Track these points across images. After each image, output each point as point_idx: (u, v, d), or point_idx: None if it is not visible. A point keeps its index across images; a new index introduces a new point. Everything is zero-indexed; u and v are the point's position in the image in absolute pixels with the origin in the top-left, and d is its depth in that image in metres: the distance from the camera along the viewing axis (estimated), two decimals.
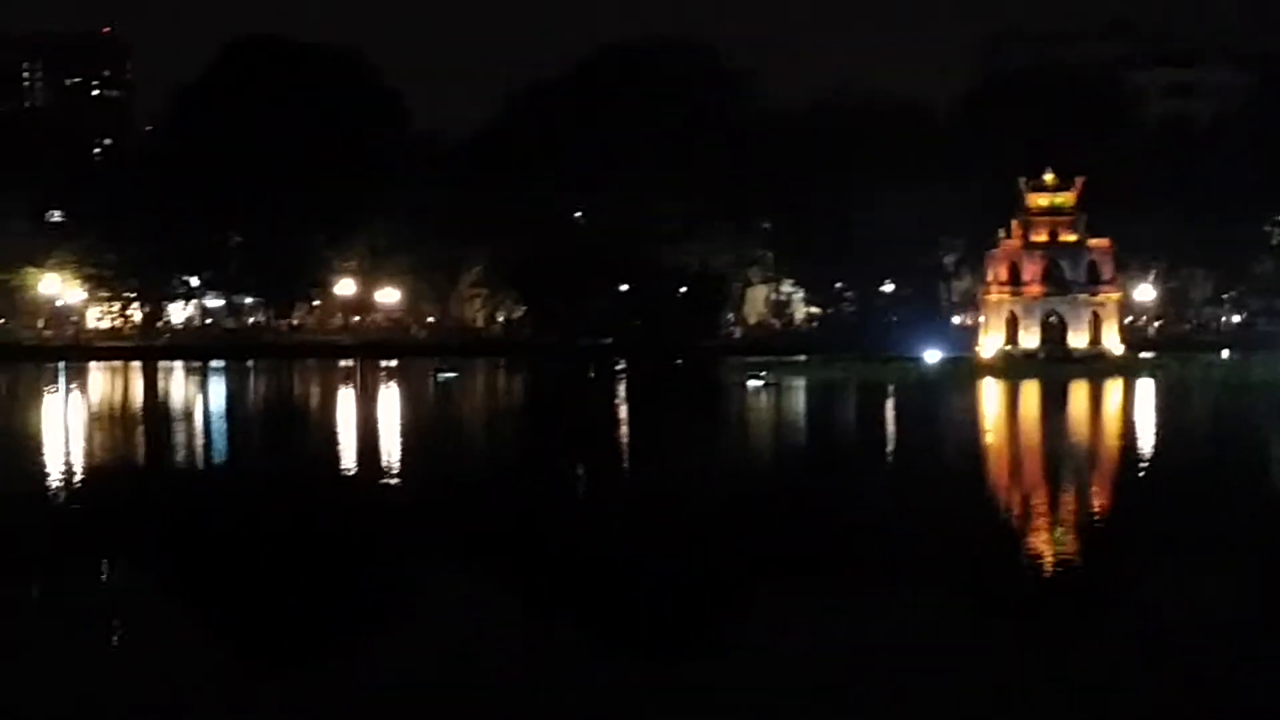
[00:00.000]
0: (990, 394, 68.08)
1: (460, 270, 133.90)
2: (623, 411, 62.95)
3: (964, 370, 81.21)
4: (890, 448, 45.76)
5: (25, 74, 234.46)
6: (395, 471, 37.63)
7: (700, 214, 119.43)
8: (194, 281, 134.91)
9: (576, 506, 31.59)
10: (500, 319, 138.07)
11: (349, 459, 41.63)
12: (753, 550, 24.70)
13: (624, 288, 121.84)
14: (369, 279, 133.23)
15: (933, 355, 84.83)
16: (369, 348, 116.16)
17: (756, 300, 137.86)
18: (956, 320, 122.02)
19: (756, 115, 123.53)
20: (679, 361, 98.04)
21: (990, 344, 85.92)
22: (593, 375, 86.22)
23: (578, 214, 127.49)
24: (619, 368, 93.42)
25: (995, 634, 18.48)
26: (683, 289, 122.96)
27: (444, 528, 28.22)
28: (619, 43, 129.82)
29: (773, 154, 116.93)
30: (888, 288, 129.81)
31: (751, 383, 72.40)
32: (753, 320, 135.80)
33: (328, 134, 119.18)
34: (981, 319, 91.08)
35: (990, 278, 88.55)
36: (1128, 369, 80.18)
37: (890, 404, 62.67)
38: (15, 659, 17.21)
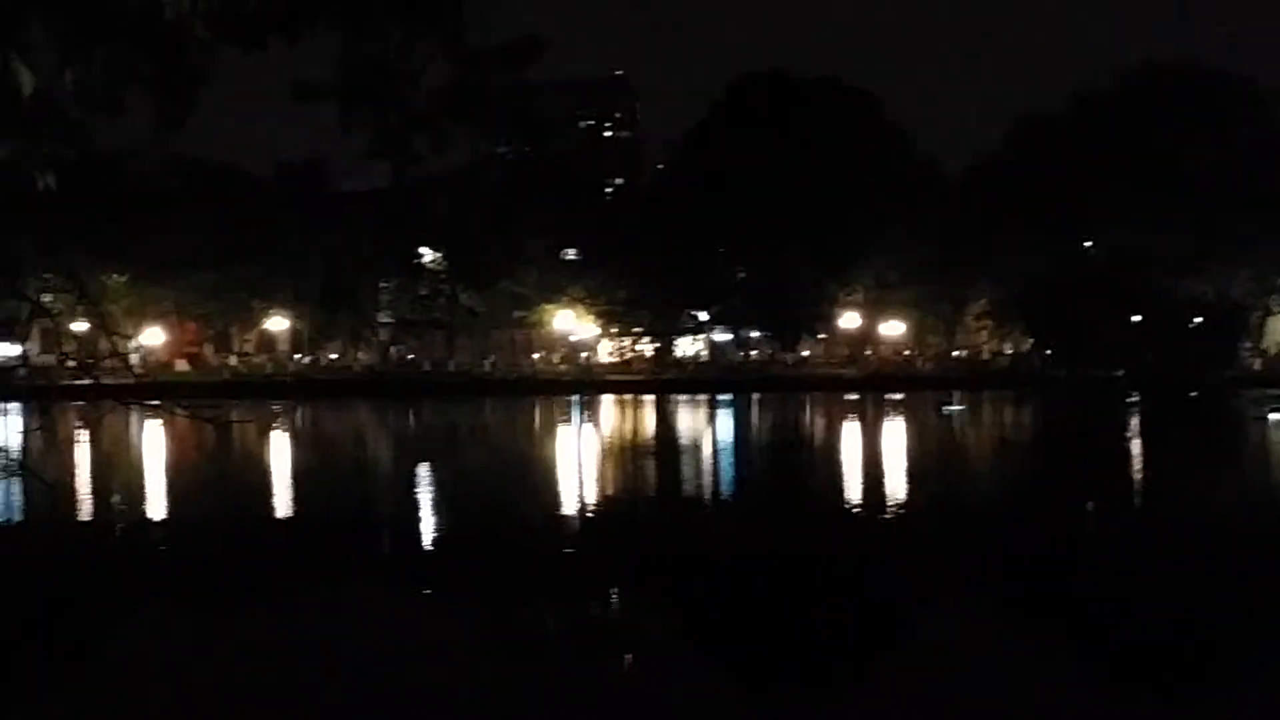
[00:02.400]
0: None
1: (966, 301, 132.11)
2: (1135, 446, 59.97)
3: None
4: None
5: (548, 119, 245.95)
6: (899, 503, 36.79)
7: (1212, 241, 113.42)
8: (702, 316, 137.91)
9: (1084, 544, 29.91)
10: (1008, 350, 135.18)
11: (852, 491, 41.00)
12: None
13: (1136, 318, 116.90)
14: (873, 312, 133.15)
15: None
16: (874, 380, 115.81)
17: (1277, 330, 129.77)
18: None
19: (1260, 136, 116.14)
20: (1194, 394, 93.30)
21: None
22: (1097, 407, 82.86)
23: (1088, 243, 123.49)
24: (1131, 400, 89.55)
25: None
26: (1198, 319, 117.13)
27: (940, 562, 27.15)
28: (1124, 69, 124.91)
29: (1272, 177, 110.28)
30: None
31: (1273, 416, 68.17)
32: (1273, 351, 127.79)
33: (831, 167, 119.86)
34: None
35: None
36: None
37: None
38: (529, 683, 17.28)
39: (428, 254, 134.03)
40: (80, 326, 33.96)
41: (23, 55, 3.42)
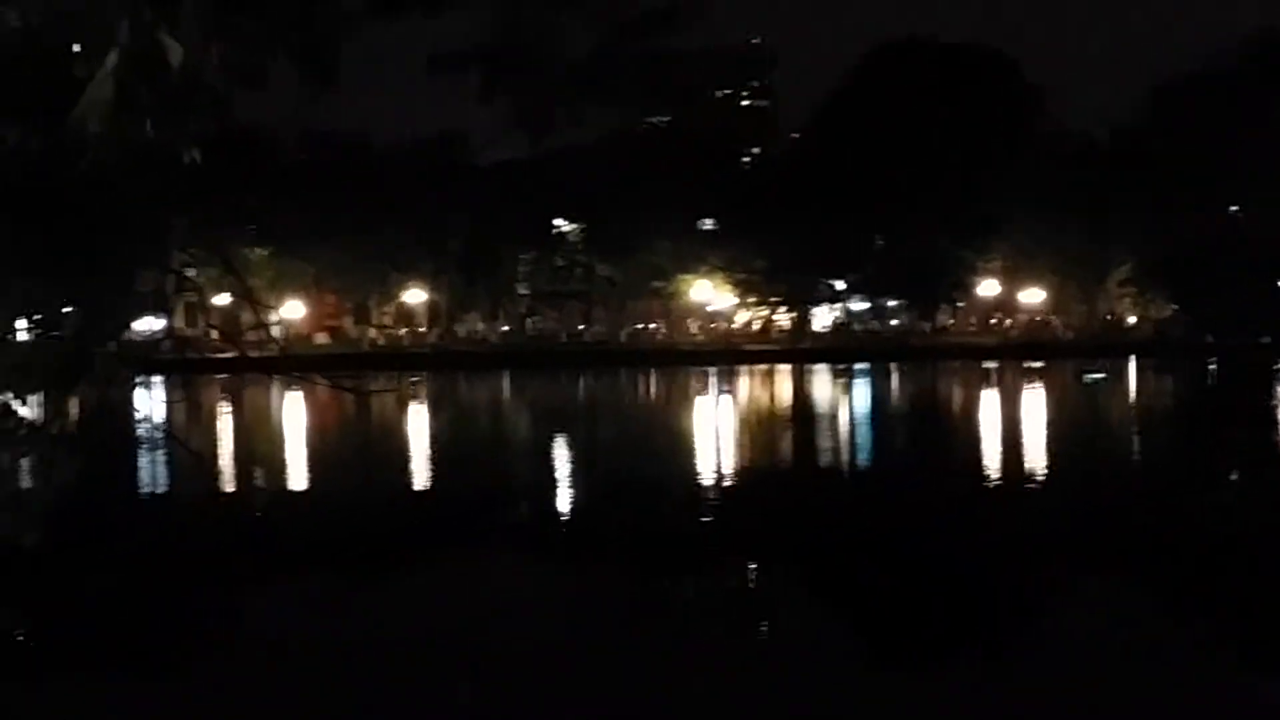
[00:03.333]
0: None
1: (1107, 269, 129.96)
2: None
3: None
4: None
5: (688, 88, 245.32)
6: (1046, 474, 36.26)
7: None
8: (839, 285, 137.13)
9: (1223, 515, 29.18)
10: (1151, 317, 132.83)
11: (991, 462, 40.46)
12: None
13: None
14: (1012, 279, 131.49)
15: None
16: (1013, 349, 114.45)
17: None
18: None
19: None
20: None
21: None
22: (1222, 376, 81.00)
23: (1233, 207, 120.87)
24: (1278, 368, 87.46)
25: None
26: None
27: (1080, 533, 26.65)
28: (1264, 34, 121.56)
29: None
30: None
31: None
32: None
33: (970, 134, 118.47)
34: None
35: None
36: None
37: None
38: (666, 653, 17.25)
39: (564, 225, 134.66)
40: (223, 300, 34.47)
41: (171, 27, 3.37)
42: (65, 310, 5.18)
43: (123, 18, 3.27)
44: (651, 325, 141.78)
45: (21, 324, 5.31)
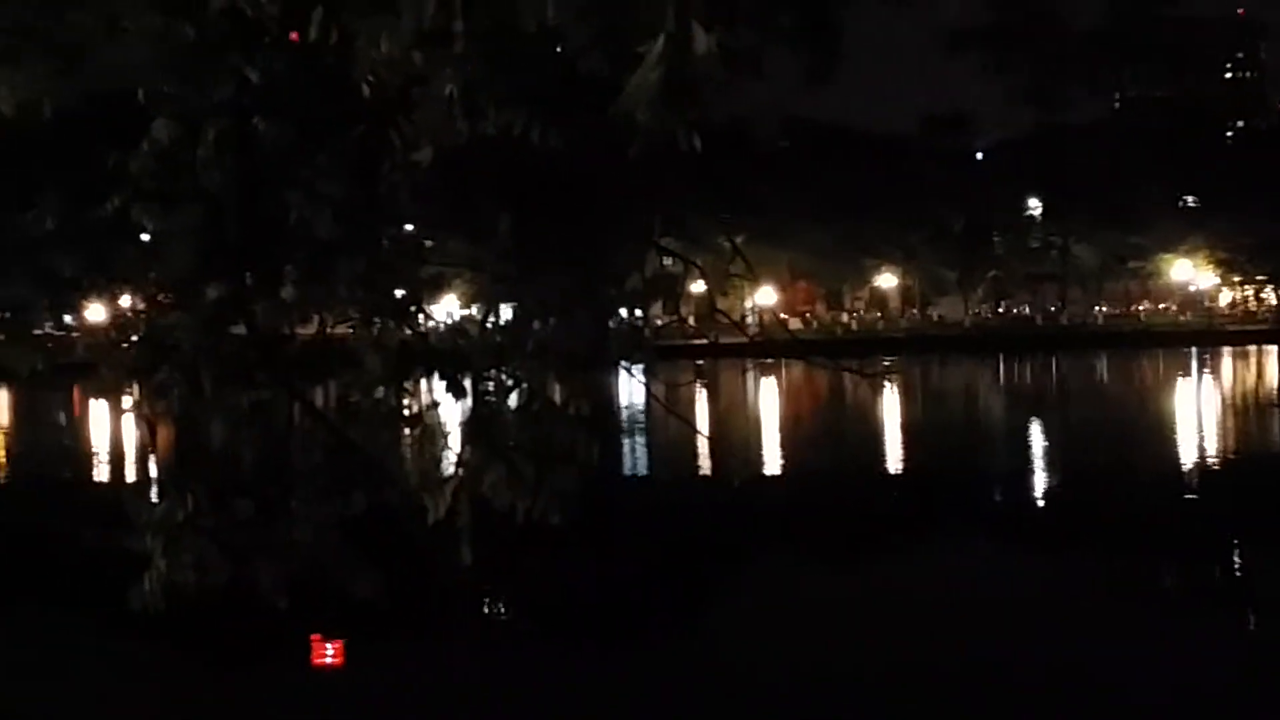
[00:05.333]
0: None
1: None
2: None
3: None
4: None
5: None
6: None
7: None
8: None
9: None
10: None
11: None
12: None
13: None
14: None
15: None
16: None
17: None
18: None
19: None
20: None
21: None
22: None
23: None
24: None
25: None
26: None
27: None
28: None
29: None
30: None
31: None
32: None
33: None
34: None
35: None
36: None
37: None
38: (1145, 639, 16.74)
39: (1037, 205, 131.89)
40: (698, 287, 35.19)
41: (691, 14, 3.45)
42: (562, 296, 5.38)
43: (666, 6, 3.37)
44: (1132, 307, 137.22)
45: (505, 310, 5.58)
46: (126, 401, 5.69)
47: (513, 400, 5.25)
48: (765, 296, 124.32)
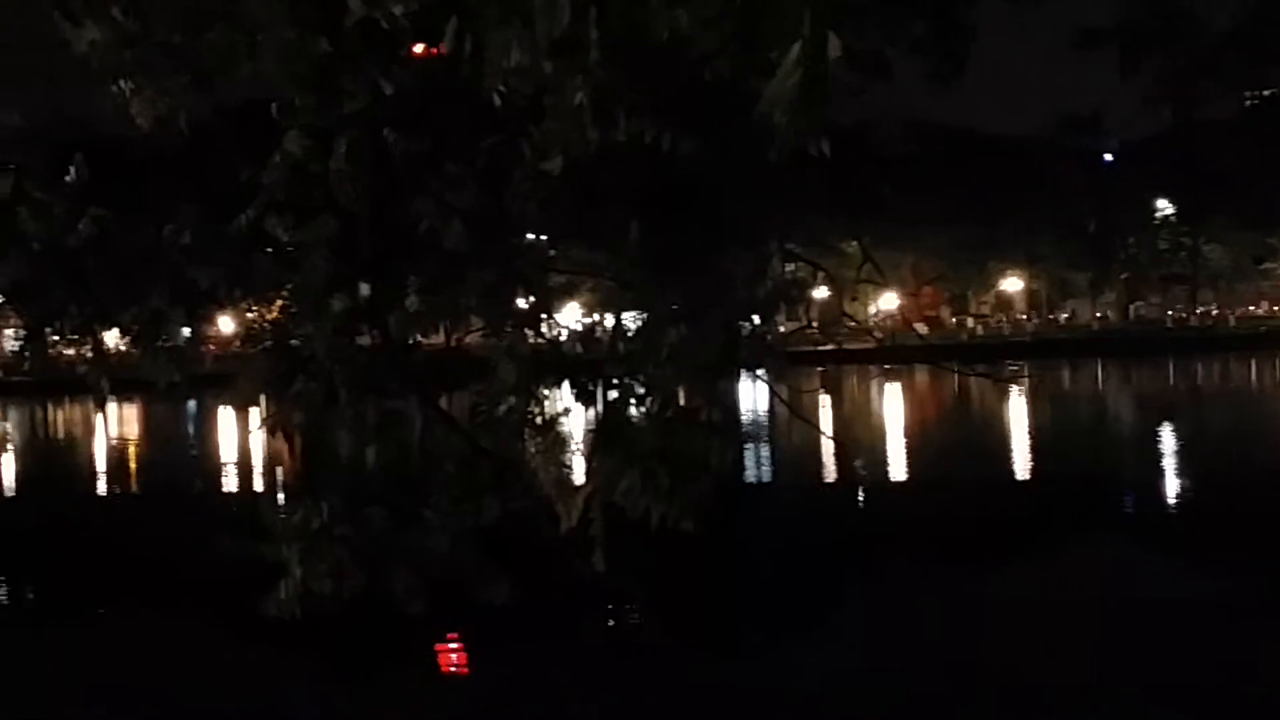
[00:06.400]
0: None
1: None
2: None
3: None
4: None
5: None
6: None
7: None
8: None
9: None
10: None
11: None
12: None
13: None
14: None
15: None
16: None
17: None
18: None
19: None
20: None
21: None
22: None
23: None
24: None
25: None
26: None
27: None
28: None
29: None
30: None
31: None
32: None
33: None
34: None
35: None
36: None
37: None
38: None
39: (1167, 205, 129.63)
40: (821, 293, 35.02)
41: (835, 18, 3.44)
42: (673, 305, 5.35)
43: (802, 12, 3.36)
44: (1259, 308, 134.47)
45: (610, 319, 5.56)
46: (255, 413, 5.76)
47: (643, 407, 5.24)
48: (889, 302, 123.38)
